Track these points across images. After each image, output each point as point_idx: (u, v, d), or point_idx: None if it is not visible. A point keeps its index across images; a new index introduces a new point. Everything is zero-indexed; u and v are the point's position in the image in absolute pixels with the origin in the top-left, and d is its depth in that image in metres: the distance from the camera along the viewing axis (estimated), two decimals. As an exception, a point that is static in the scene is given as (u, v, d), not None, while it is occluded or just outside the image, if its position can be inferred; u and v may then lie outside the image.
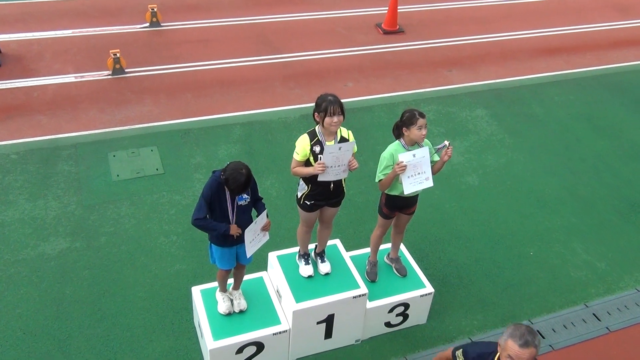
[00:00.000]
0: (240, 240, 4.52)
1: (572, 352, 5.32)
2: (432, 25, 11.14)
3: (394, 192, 4.89)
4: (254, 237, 4.42)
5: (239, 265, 4.78)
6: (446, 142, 4.68)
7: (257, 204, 4.50)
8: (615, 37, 11.29)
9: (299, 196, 4.78)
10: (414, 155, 4.57)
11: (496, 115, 8.73)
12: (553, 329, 5.51)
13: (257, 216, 4.43)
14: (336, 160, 4.45)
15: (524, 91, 9.32)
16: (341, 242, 5.59)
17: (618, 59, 10.45)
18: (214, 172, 4.37)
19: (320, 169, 4.43)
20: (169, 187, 6.87)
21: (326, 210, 4.89)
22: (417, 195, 5.01)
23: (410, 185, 4.63)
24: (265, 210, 4.41)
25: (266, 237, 4.52)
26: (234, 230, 4.29)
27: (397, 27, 10.71)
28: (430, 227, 6.62)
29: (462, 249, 6.36)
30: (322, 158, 4.44)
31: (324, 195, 4.71)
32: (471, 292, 5.88)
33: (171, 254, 6.02)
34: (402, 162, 4.53)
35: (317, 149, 4.49)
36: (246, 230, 4.31)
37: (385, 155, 4.72)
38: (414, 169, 4.59)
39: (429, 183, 4.69)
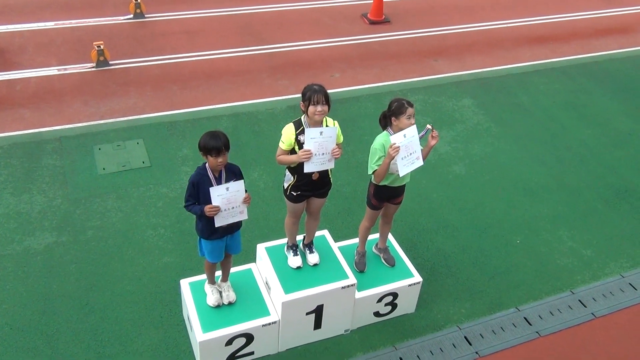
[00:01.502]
0: (228, 231, 4.52)
1: (559, 338, 5.36)
2: (418, 15, 11.11)
3: (384, 182, 4.85)
4: (227, 207, 4.26)
5: (226, 255, 4.75)
6: (429, 126, 4.66)
7: None
8: (599, 25, 11.31)
9: (285, 187, 4.77)
10: (404, 136, 4.57)
11: (482, 104, 8.74)
12: (540, 316, 5.55)
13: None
14: (319, 147, 4.43)
15: (510, 80, 9.33)
16: (330, 232, 5.58)
17: (602, 47, 10.46)
18: (198, 167, 4.39)
19: (305, 156, 4.40)
20: (155, 180, 6.82)
21: (313, 201, 4.89)
22: (405, 185, 5.01)
23: (404, 167, 4.60)
24: (242, 181, 4.34)
25: (244, 214, 4.39)
26: (208, 209, 4.25)
27: (383, 17, 10.68)
28: (418, 216, 6.63)
29: (450, 238, 6.37)
30: (305, 144, 4.42)
31: (310, 185, 4.70)
32: (459, 280, 5.90)
33: (159, 246, 5.99)
34: (395, 144, 4.51)
35: (302, 138, 4.48)
36: (212, 189, 4.20)
37: (376, 146, 4.70)
38: (406, 149, 4.58)
39: (420, 162, 4.69)
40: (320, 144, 4.43)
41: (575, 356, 5.20)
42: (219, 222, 4.36)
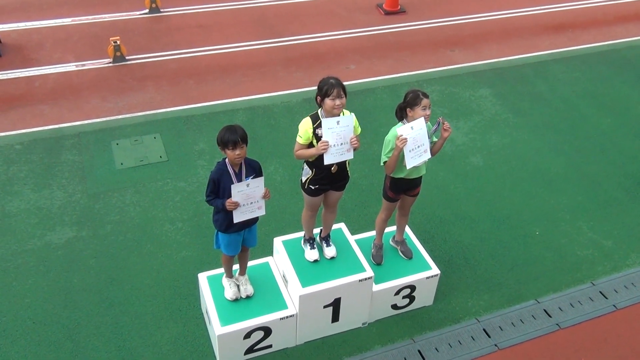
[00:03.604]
0: (246, 225, 4.54)
1: (580, 330, 5.32)
2: (434, 5, 10.99)
3: (399, 175, 4.85)
4: (246, 202, 4.31)
5: (243, 248, 4.77)
6: (440, 119, 4.64)
7: None
8: (619, 11, 11.06)
9: (303, 180, 4.77)
10: (412, 128, 4.55)
11: (500, 94, 8.66)
12: (560, 308, 5.51)
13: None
14: (337, 137, 4.41)
15: (528, 69, 9.23)
16: (346, 225, 5.58)
17: (623, 34, 10.27)
18: (218, 162, 4.42)
19: (323, 147, 4.39)
20: (173, 174, 6.85)
21: (330, 194, 4.89)
22: (421, 176, 4.99)
23: (411, 160, 4.60)
24: (262, 178, 4.40)
25: (262, 210, 4.43)
26: (229, 203, 4.28)
27: (399, 7, 10.60)
28: (435, 208, 6.60)
29: (468, 230, 6.34)
30: (323, 135, 4.41)
31: (328, 179, 4.70)
32: (477, 272, 5.87)
33: (177, 240, 6.01)
34: (402, 135, 4.51)
35: (319, 131, 4.47)
36: (233, 187, 4.25)
37: (389, 138, 4.70)
38: (414, 142, 4.57)
39: (427, 155, 4.69)
40: (338, 133, 4.41)
41: (597, 348, 5.15)
42: (237, 217, 4.39)
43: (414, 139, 4.57)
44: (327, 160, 4.47)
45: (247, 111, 7.94)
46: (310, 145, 4.55)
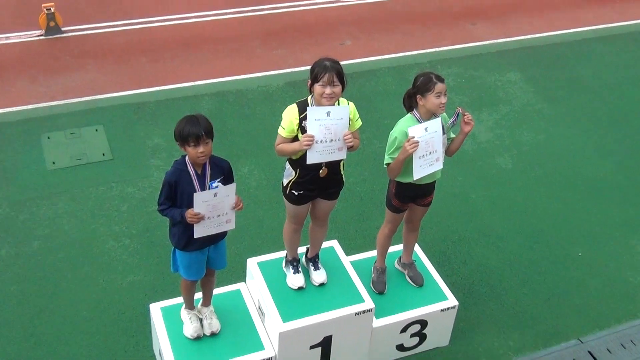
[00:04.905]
0: (211, 240, 4.50)
1: (633, 378, 5.43)
2: (450, -33, 11.13)
3: (407, 179, 4.85)
4: (212, 214, 4.30)
5: (208, 271, 4.76)
6: (459, 109, 4.72)
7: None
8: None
9: (284, 184, 4.78)
10: (426, 130, 4.60)
11: (532, 79, 8.67)
12: (608, 349, 5.46)
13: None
14: (326, 131, 4.42)
15: (567, 49, 9.26)
16: (340, 243, 5.59)
17: (684, 6, 10.56)
18: (175, 161, 4.38)
19: (307, 142, 4.39)
20: (119, 177, 6.81)
21: (319, 204, 4.89)
22: (435, 182, 5.01)
23: (420, 168, 4.67)
24: (234, 185, 4.36)
25: (231, 224, 4.43)
26: (190, 215, 4.24)
27: (406, -31, 10.69)
28: (452, 222, 6.61)
29: (493, 250, 6.34)
30: (308, 128, 4.41)
31: (316, 183, 4.69)
32: (505, 304, 5.87)
33: (123, 261, 5.97)
34: (414, 137, 4.55)
35: (307, 123, 4.48)
36: (196, 196, 4.20)
37: (395, 133, 4.72)
38: (426, 147, 4.63)
39: (439, 165, 4.77)
40: (328, 127, 4.41)
41: (654, 401, 5.27)
42: (199, 232, 4.35)
43: (426, 143, 4.61)
44: (311, 158, 4.48)
45: (214, 97, 7.92)
46: (295, 139, 4.56)
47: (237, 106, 7.81)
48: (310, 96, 4.56)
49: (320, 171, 4.61)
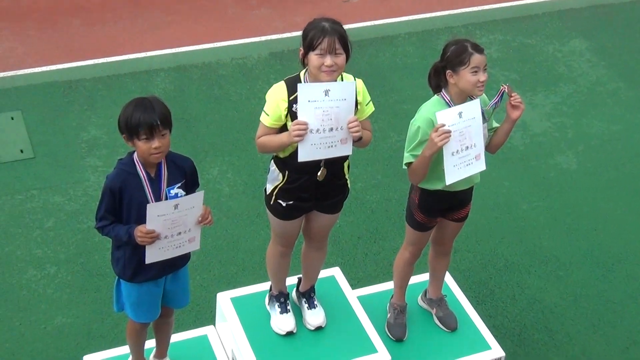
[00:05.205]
0: (169, 266, 4.50)
1: None
2: None
3: (434, 186, 4.84)
4: (170, 232, 4.31)
5: (164, 311, 4.75)
6: (504, 87, 4.72)
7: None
8: None
9: (268, 191, 4.77)
10: (460, 115, 4.57)
11: (603, 49, 8.71)
12: None
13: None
14: (324, 116, 4.39)
15: (652, 8, 9.47)
16: (343, 272, 5.59)
17: None
18: (120, 160, 4.40)
19: (298, 131, 4.36)
20: (42, 182, 6.81)
21: (316, 219, 4.89)
22: (472, 188, 5.00)
23: (453, 169, 4.64)
24: (201, 193, 4.35)
25: (195, 243, 4.45)
26: (142, 234, 4.24)
27: None
28: (497, 243, 6.63)
29: (552, 281, 6.35)
30: (299, 112, 4.38)
31: (311, 190, 4.68)
32: (569, 355, 5.83)
33: (47, 297, 5.94)
34: (445, 125, 4.51)
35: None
36: (149, 208, 4.20)
37: (417, 122, 4.69)
38: (461, 139, 4.60)
39: (480, 165, 4.73)
40: (327, 111, 4.39)
41: None
42: (153, 256, 4.33)
43: (461, 133, 4.59)
44: (304, 155, 4.45)
45: (173, 73, 7.96)
46: (284, 129, 4.53)
47: (204, 85, 7.84)
48: (303, 71, 4.54)
49: (318, 174, 4.58)
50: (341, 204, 4.88)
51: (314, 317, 5.13)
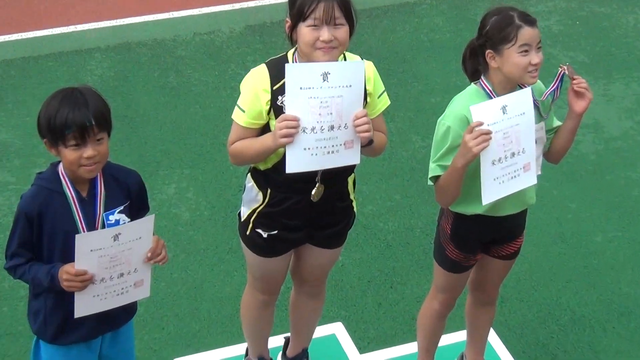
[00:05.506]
0: (106, 322, 4.49)
1: None
2: None
3: (473, 208, 4.87)
4: (109, 273, 4.30)
5: None
6: (563, 68, 4.76)
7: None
8: None
9: (244, 217, 4.84)
10: (504, 110, 4.58)
11: None
12: None
13: None
14: (321, 110, 4.41)
15: None
16: (347, 329, 5.68)
17: None
18: (39, 174, 4.40)
19: (286, 130, 4.35)
20: None
21: (310, 254, 4.96)
22: (525, 210, 5.03)
23: (493, 184, 4.66)
24: (152, 218, 4.34)
25: (144, 289, 4.45)
26: (69, 276, 4.20)
27: None
28: (560, 288, 6.61)
29: (638, 341, 6.28)
30: (287, 104, 4.38)
31: (301, 214, 4.74)
32: None
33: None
34: (484, 124, 4.51)
35: (283, 98, 4.47)
36: (79, 238, 4.17)
37: (447, 120, 4.71)
38: (505, 142, 4.62)
39: (530, 178, 4.76)
40: (325, 102, 4.41)
41: None
42: (83, 307, 4.31)
43: (505, 135, 4.61)
44: (293, 163, 4.46)
45: (112, 54, 8.05)
46: (266, 130, 4.56)
47: (156, 71, 7.91)
48: (292, 50, 4.61)
49: (313, 192, 4.62)
50: (344, 234, 4.93)
51: (308, 393, 5.24)
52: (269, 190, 4.68)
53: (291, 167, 4.44)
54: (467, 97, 4.72)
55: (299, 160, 4.45)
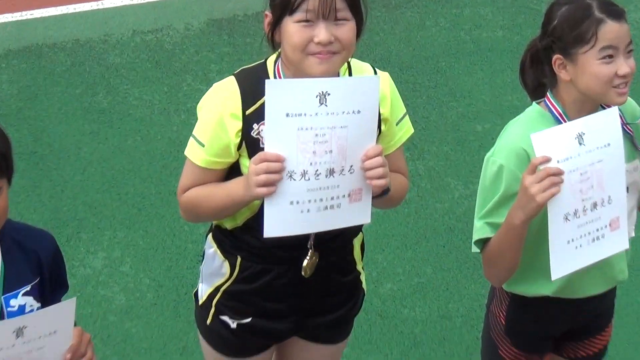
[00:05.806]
0: None
1: None
2: None
3: (537, 288, 4.72)
4: None
5: None
6: None
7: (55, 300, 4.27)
8: None
9: (202, 298, 4.80)
10: (580, 139, 4.39)
11: None
12: None
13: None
14: (316, 145, 4.27)
15: None
16: None
17: None
18: None
19: (265, 175, 4.20)
20: None
21: (299, 352, 4.94)
22: (614, 289, 4.92)
23: (566, 249, 4.48)
24: (72, 302, 4.14)
25: None
26: None
27: None
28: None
29: None
30: (267, 138, 4.27)
31: (286, 294, 4.71)
32: None
33: None
34: (550, 159, 4.37)
35: (261, 128, 4.43)
36: None
37: (499, 157, 4.54)
38: (583, 187, 4.50)
39: (621, 241, 4.61)
40: (321, 135, 4.28)
41: None
42: (270, 226, 4.34)
43: (583, 177, 4.44)
44: (272, 225, 4.31)
45: (13, 61, 8.46)
46: (234, 173, 4.43)
47: (77, 86, 8.09)
48: (273, 56, 4.50)
49: (304, 264, 4.53)
50: (350, 323, 4.87)
51: None
52: (238, 259, 4.62)
53: (271, 230, 4.32)
54: (528, 123, 4.65)
55: (283, 220, 4.38)
